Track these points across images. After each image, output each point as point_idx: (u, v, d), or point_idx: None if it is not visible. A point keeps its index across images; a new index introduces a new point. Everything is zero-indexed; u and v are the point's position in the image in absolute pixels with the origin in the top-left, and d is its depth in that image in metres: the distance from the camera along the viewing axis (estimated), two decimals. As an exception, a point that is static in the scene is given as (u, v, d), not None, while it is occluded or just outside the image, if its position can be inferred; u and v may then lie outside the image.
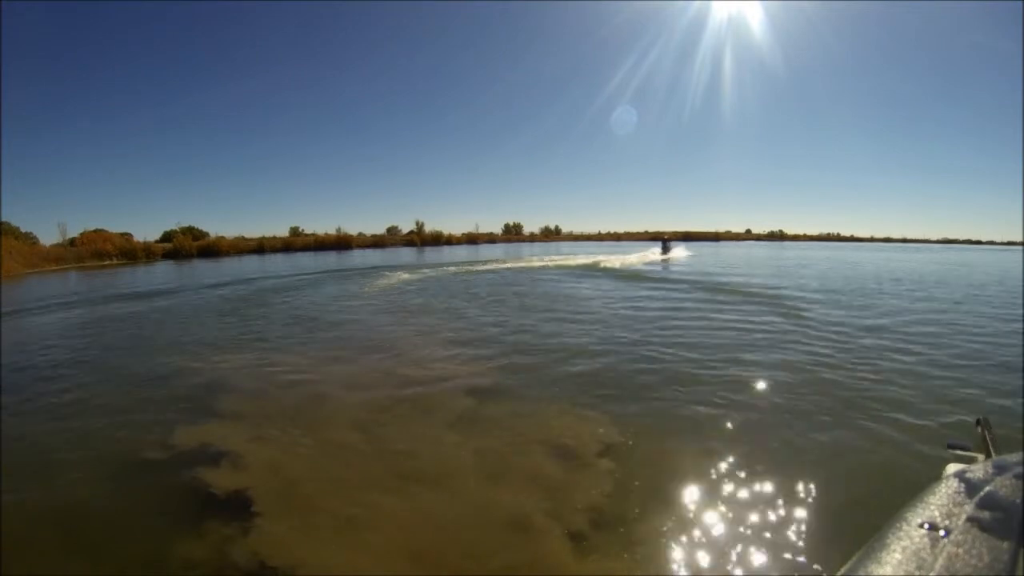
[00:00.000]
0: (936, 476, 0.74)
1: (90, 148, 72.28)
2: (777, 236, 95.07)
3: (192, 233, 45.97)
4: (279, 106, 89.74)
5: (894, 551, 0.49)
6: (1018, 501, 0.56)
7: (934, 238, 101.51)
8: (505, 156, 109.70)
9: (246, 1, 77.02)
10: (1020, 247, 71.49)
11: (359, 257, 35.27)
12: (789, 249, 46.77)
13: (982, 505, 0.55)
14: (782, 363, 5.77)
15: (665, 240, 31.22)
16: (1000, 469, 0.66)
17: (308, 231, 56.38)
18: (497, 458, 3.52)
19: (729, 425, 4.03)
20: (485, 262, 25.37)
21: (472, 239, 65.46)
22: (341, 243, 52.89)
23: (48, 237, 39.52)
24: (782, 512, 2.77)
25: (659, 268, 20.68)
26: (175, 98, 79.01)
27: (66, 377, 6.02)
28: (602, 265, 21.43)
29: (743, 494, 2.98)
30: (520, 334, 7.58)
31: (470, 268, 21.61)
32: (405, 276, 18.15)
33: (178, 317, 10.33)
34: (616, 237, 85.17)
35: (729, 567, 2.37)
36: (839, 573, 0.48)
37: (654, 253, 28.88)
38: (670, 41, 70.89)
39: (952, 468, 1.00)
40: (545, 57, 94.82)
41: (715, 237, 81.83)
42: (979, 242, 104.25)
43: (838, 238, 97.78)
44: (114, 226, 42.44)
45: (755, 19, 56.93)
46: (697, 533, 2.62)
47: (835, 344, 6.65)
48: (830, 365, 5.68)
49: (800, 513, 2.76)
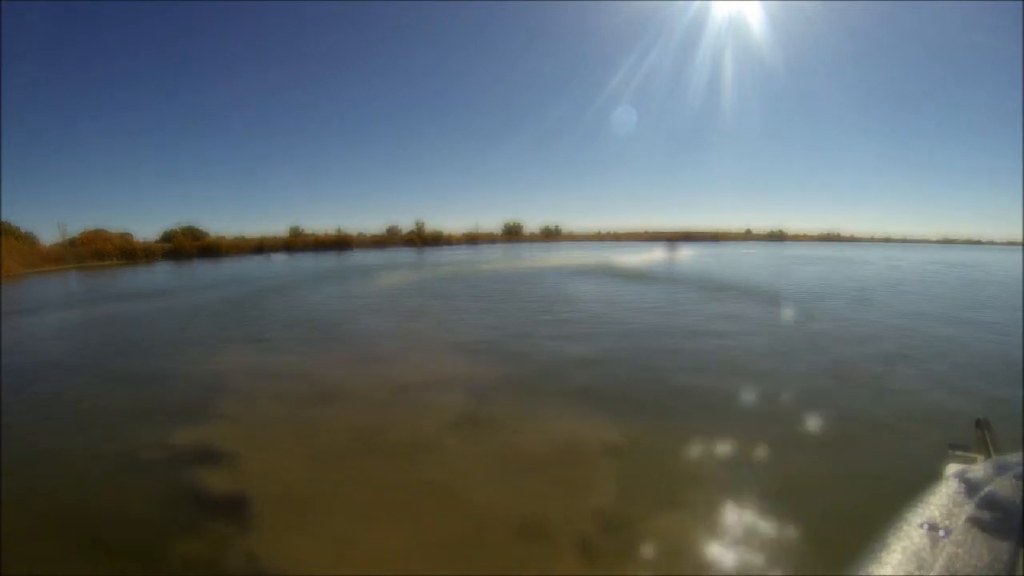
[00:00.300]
0: (936, 476, 0.74)
1: (90, 148, 72.39)
2: (777, 236, 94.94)
3: (192, 233, 45.93)
4: (279, 106, 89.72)
5: (894, 551, 0.48)
6: (1018, 501, 0.55)
7: (934, 238, 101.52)
8: (505, 156, 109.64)
9: (246, 1, 77.05)
10: (1020, 247, 71.41)
11: (359, 257, 35.24)
12: (795, 250, 44.22)
13: (982, 505, 0.55)
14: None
15: (672, 241, 35.39)
16: (1000, 469, 0.65)
17: (308, 231, 56.45)
18: (502, 462, 3.51)
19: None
20: (487, 261, 25.30)
21: (472, 239, 65.43)
22: (341, 243, 52.89)
23: (48, 237, 39.53)
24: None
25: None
26: (175, 98, 79.03)
27: (66, 377, 6.01)
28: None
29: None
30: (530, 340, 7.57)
31: (491, 268, 21.52)
32: (406, 276, 18.13)
33: (177, 317, 10.32)
34: (616, 237, 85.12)
35: (729, 567, 2.37)
36: (839, 573, 0.50)
37: (661, 252, 30.32)
38: (670, 41, 70.74)
39: (952, 468, 1.00)
40: (545, 57, 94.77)
41: (715, 237, 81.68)
42: (979, 242, 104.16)
43: (838, 238, 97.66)
44: (114, 226, 42.46)
45: (755, 19, 56.76)
46: (704, 535, 2.61)
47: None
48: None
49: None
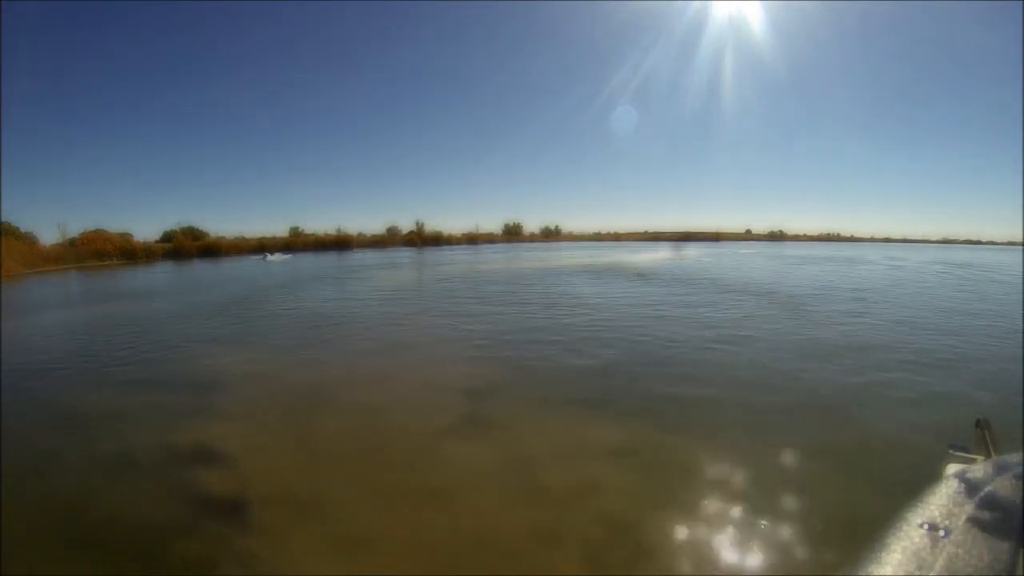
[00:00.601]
0: (936, 476, 0.74)
1: (90, 148, 72.50)
2: (777, 236, 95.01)
3: (192, 233, 45.96)
4: (279, 106, 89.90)
5: (894, 551, 0.48)
6: (1018, 501, 0.55)
7: (934, 238, 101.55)
8: (505, 156, 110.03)
9: (247, 1, 77.09)
10: (1020, 247, 71.41)
11: (359, 256, 35.24)
12: (798, 250, 43.42)
13: (982, 505, 0.55)
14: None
15: (677, 242, 37.02)
16: (1000, 469, 0.65)
17: (308, 231, 56.49)
18: (506, 466, 3.51)
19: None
20: (486, 262, 25.31)
21: (472, 239, 65.46)
22: (341, 243, 52.92)
23: (48, 237, 39.54)
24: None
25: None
26: (175, 98, 79.17)
27: (65, 378, 6.01)
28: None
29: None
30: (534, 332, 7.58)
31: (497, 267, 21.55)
32: (406, 276, 18.13)
33: (176, 317, 10.32)
34: (616, 237, 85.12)
35: (731, 567, 2.37)
36: (839, 573, 0.50)
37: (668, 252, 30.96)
38: (670, 41, 70.85)
39: (952, 468, 1.00)
40: (545, 57, 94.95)
41: (715, 237, 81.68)
42: (979, 242, 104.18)
43: (838, 238, 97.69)
44: (114, 226, 42.50)
45: (755, 19, 56.82)
46: (715, 537, 2.60)
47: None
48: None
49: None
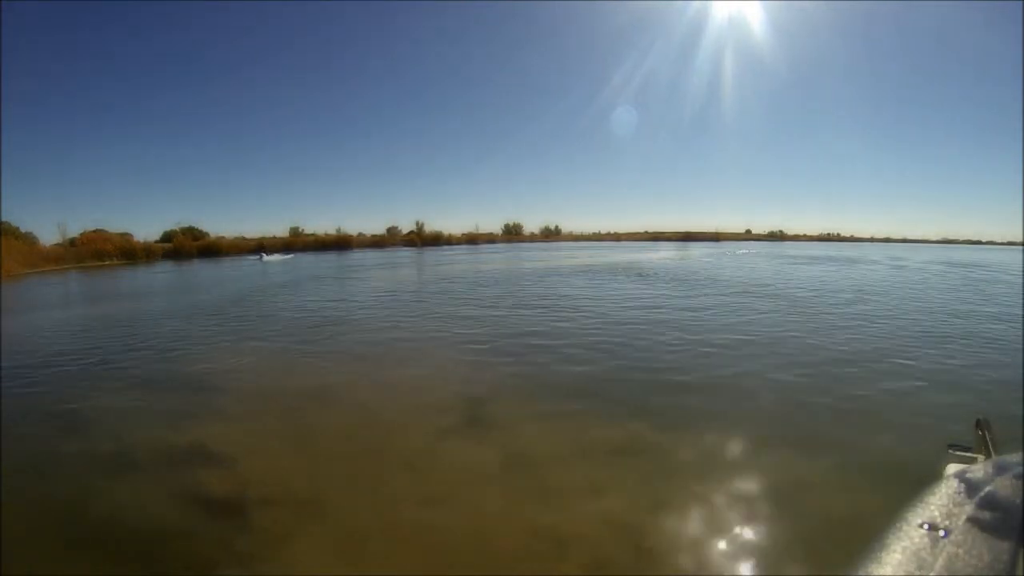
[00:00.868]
0: (936, 476, 0.75)
1: (90, 148, 72.47)
2: (777, 236, 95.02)
3: (192, 233, 45.95)
4: (279, 106, 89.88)
5: (894, 551, 0.49)
6: (1018, 501, 0.56)
7: (933, 238, 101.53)
8: (505, 156, 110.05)
9: (248, 1, 77.08)
10: (1020, 247, 71.40)
11: (359, 256, 35.24)
12: (801, 251, 42.16)
13: (982, 505, 0.55)
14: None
15: (683, 241, 37.49)
16: (1000, 469, 0.65)
17: (308, 231, 56.49)
18: (512, 468, 3.51)
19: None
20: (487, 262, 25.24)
21: (472, 239, 65.43)
22: (341, 243, 52.89)
23: (48, 237, 39.54)
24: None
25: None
26: (175, 98, 79.16)
27: (64, 378, 6.01)
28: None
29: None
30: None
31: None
32: (405, 276, 18.12)
33: (174, 317, 10.32)
34: (616, 237, 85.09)
35: (731, 567, 2.37)
36: (839, 573, 0.48)
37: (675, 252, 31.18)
38: (670, 41, 70.99)
39: (952, 468, 0.99)
40: (545, 57, 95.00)
41: (715, 237, 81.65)
42: (979, 242, 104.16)
43: (838, 238, 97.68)
44: (114, 226, 42.50)
45: (755, 19, 56.92)
46: (717, 537, 2.60)
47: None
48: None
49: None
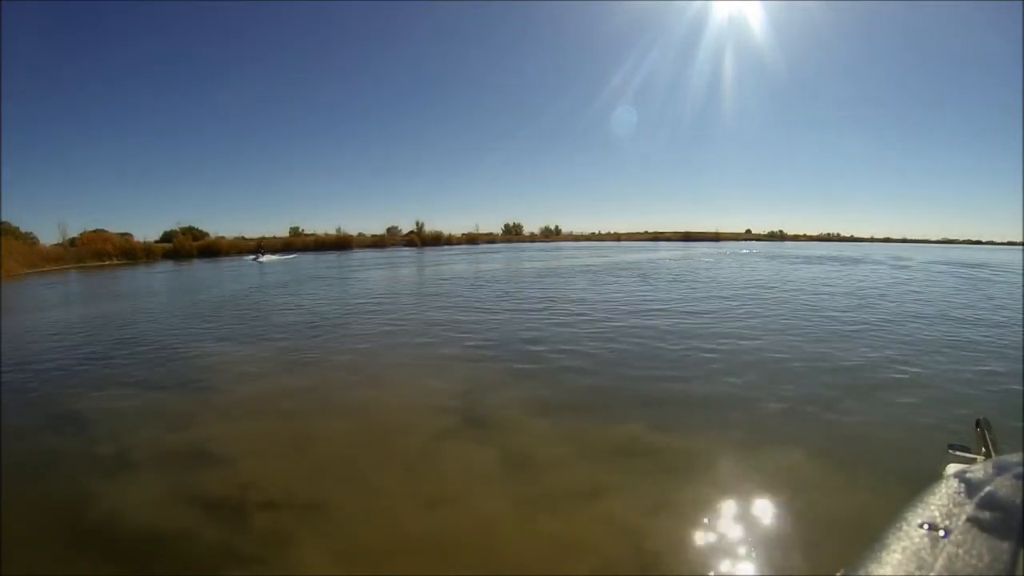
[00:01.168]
0: (936, 476, 0.75)
1: (90, 148, 72.44)
2: (777, 236, 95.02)
3: (192, 233, 45.92)
4: (279, 106, 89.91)
5: (894, 551, 0.49)
6: (1018, 501, 0.56)
7: (934, 238, 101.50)
8: (505, 156, 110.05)
9: (246, 1, 77.10)
10: (1020, 247, 71.42)
11: (359, 256, 35.23)
12: (804, 251, 41.61)
13: (982, 505, 0.55)
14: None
15: (687, 241, 38.21)
16: (1000, 469, 0.66)
17: (308, 231, 56.48)
18: (513, 471, 3.51)
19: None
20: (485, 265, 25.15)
21: (472, 239, 65.39)
22: (341, 243, 52.84)
23: (48, 237, 39.55)
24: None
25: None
26: (175, 98, 79.21)
27: (63, 378, 6.01)
28: None
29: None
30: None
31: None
32: (405, 275, 18.11)
33: (172, 316, 10.32)
34: (616, 237, 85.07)
35: (732, 568, 2.37)
36: (839, 573, 0.49)
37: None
38: (670, 41, 71.06)
39: (952, 468, 0.99)
40: (545, 57, 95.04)
41: (715, 237, 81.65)
42: (979, 242, 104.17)
43: (838, 238, 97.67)
44: (114, 226, 42.50)
45: (755, 19, 57.02)
46: (720, 538, 2.59)
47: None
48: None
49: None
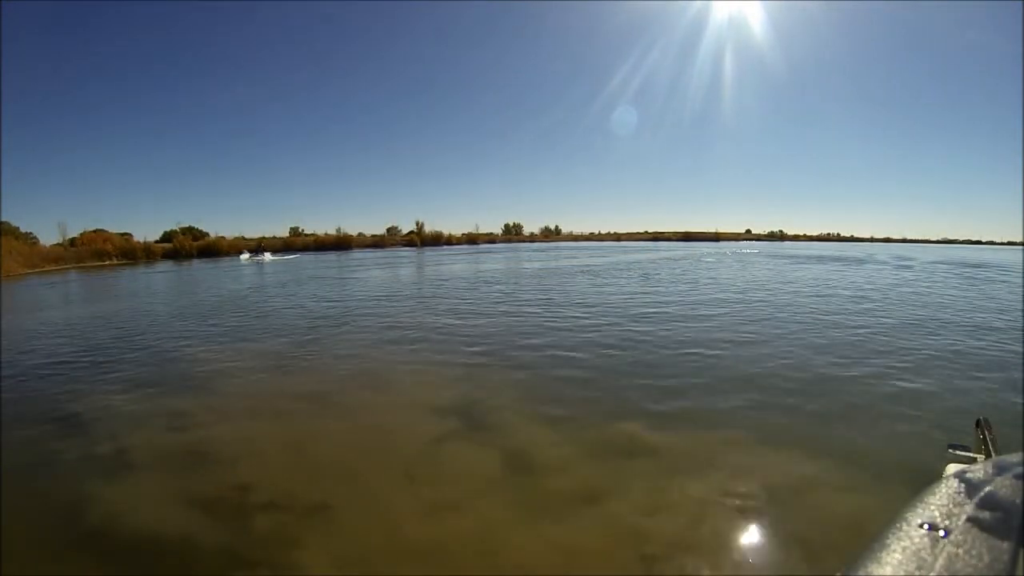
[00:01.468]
0: (936, 476, 0.76)
1: (90, 148, 72.39)
2: (777, 236, 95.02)
3: (192, 233, 45.93)
4: (279, 106, 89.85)
5: (894, 551, 0.49)
6: (1018, 501, 0.56)
7: (934, 238, 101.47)
8: (505, 156, 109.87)
9: (246, 1, 77.10)
10: (1020, 247, 71.44)
11: (358, 255, 35.22)
12: (808, 250, 41.26)
13: (982, 505, 0.55)
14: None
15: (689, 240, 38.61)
16: (1000, 469, 0.66)
17: (308, 231, 56.49)
18: (515, 473, 3.51)
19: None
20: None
21: (472, 239, 65.41)
22: (341, 243, 52.84)
23: (48, 237, 39.56)
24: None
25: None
26: (175, 98, 79.20)
27: (63, 377, 6.01)
28: None
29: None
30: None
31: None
32: (403, 276, 18.10)
33: (174, 317, 10.32)
34: (616, 237, 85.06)
35: (733, 568, 2.37)
36: (839, 573, 0.49)
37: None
38: (670, 41, 70.93)
39: (952, 468, 0.99)
40: (545, 57, 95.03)
41: (715, 237, 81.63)
42: (979, 242, 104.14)
43: (838, 238, 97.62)
44: (114, 226, 42.52)
45: (756, 19, 56.99)
46: (723, 538, 2.59)
47: None
48: None
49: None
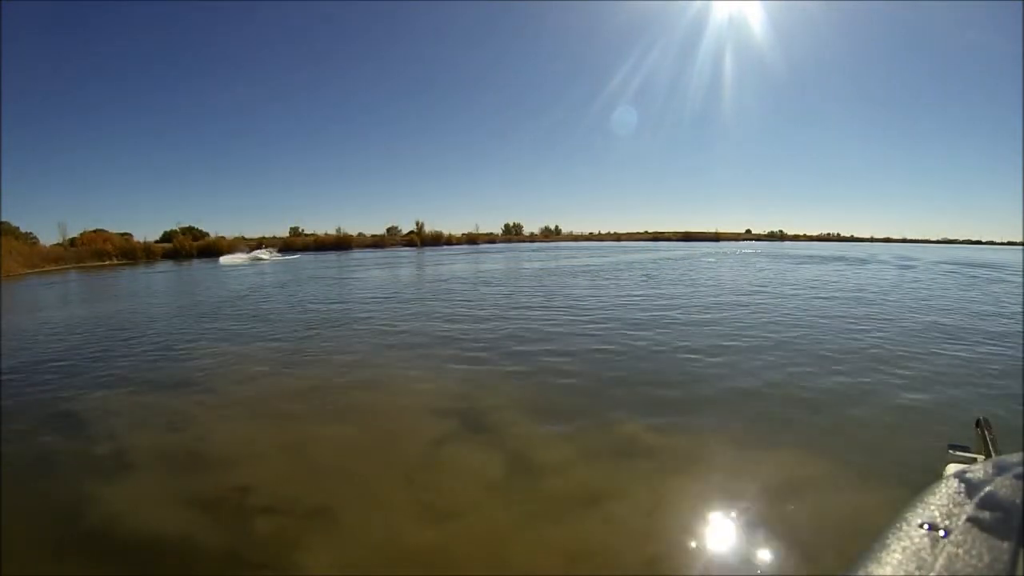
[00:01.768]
0: (936, 476, 0.75)
1: (90, 148, 72.32)
2: (777, 236, 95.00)
3: (192, 233, 45.93)
4: (279, 106, 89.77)
5: (894, 551, 0.49)
6: (1018, 501, 0.56)
7: (934, 238, 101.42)
8: (504, 156, 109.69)
9: (246, 1, 77.07)
10: (1020, 247, 71.44)
11: (358, 255, 35.24)
12: (810, 250, 40.73)
13: (982, 505, 0.55)
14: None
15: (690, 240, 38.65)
16: (1000, 469, 0.66)
17: (308, 231, 56.47)
18: (517, 475, 3.51)
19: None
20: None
21: (472, 239, 65.37)
22: (341, 243, 52.82)
23: (48, 237, 39.56)
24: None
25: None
26: (175, 98, 79.14)
27: (63, 377, 6.02)
28: None
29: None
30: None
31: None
32: (404, 276, 18.10)
33: (173, 317, 10.33)
34: (616, 237, 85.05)
35: (735, 568, 2.37)
36: (839, 573, 0.49)
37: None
38: (670, 41, 70.86)
39: (952, 468, 0.99)
40: (546, 57, 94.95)
41: (715, 237, 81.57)
42: (979, 242, 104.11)
43: (838, 238, 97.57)
44: (114, 226, 42.52)
45: (756, 19, 56.94)
46: (725, 539, 2.60)
47: None
48: None
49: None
